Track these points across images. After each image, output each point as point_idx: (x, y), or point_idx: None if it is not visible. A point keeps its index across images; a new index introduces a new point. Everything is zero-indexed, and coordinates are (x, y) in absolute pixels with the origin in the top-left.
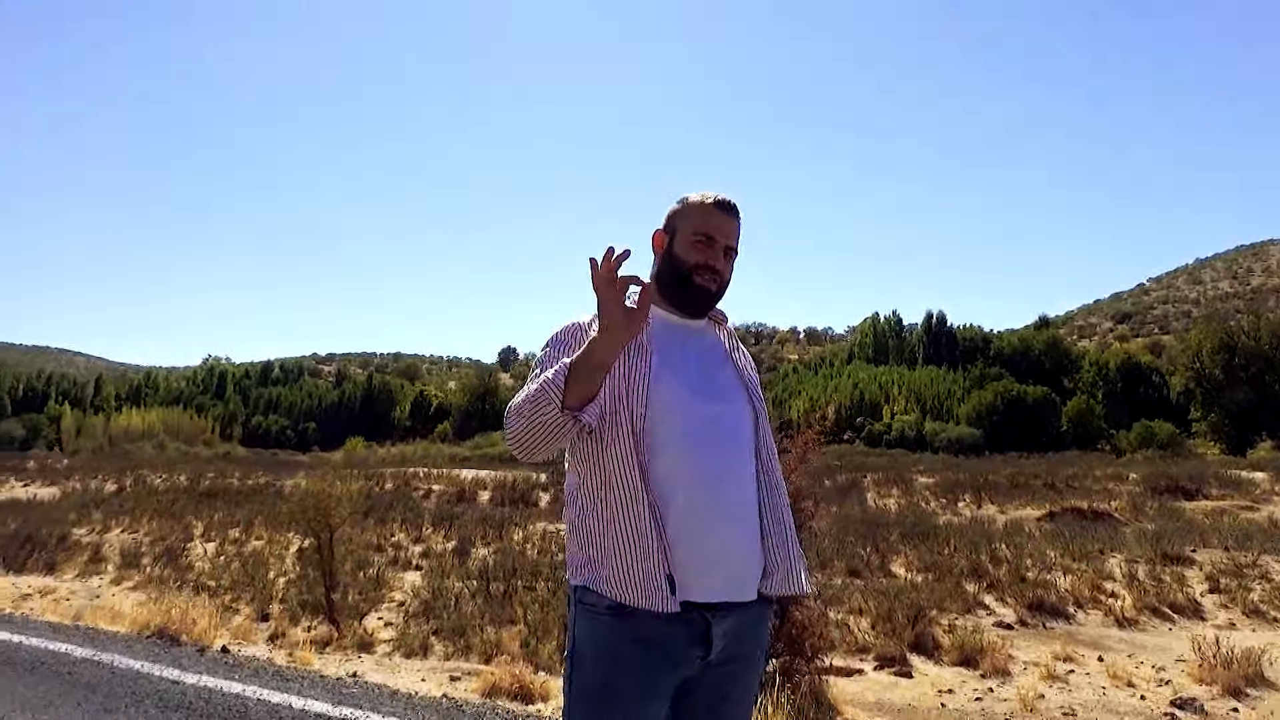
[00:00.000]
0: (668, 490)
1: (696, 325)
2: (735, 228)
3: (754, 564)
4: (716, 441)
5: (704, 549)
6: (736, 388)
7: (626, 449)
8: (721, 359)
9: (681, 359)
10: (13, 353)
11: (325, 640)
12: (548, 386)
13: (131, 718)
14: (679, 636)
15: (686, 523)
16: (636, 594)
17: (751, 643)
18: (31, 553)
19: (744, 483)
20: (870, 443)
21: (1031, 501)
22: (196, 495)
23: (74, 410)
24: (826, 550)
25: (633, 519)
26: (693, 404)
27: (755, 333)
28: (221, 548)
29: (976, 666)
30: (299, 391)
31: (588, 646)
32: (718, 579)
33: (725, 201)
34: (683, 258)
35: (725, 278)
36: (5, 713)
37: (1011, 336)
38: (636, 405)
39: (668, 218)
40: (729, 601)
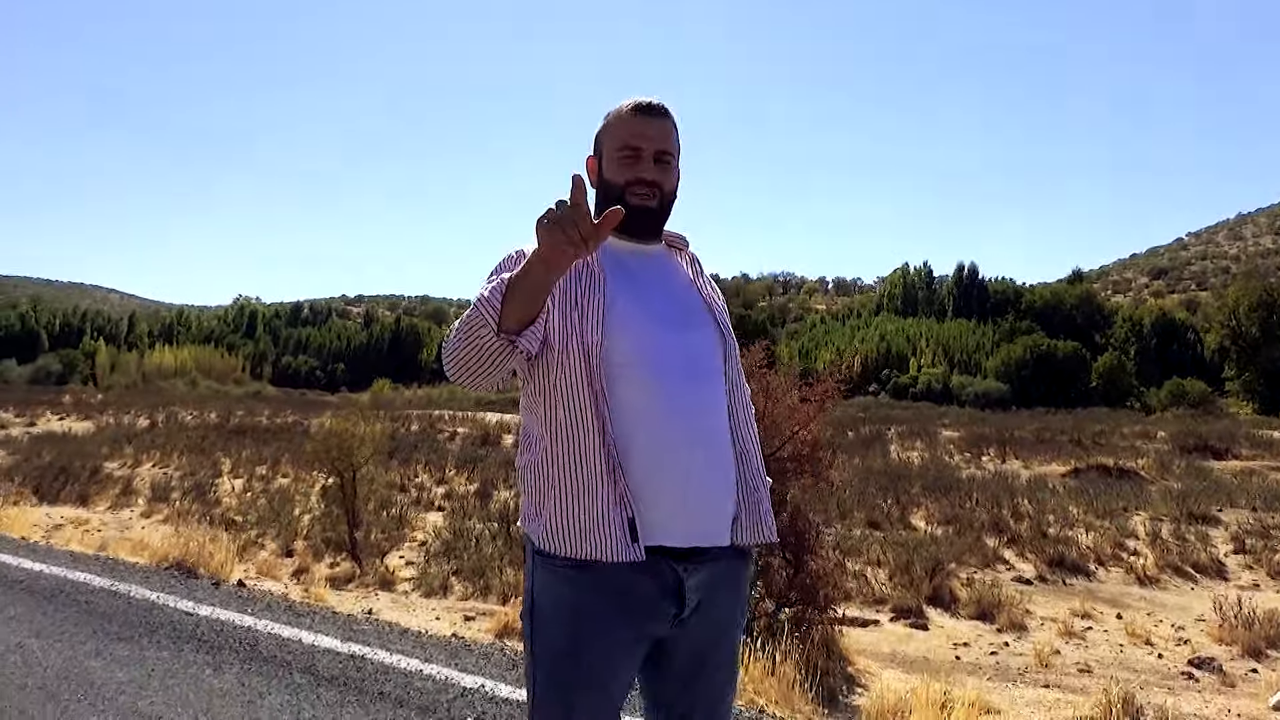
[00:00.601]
0: (629, 425)
1: (652, 251)
2: (665, 129)
3: (728, 505)
4: (683, 371)
5: (672, 488)
6: (702, 315)
7: (579, 381)
8: (684, 285)
9: (640, 285)
10: (50, 289)
11: (348, 577)
12: (482, 306)
13: (144, 647)
14: (647, 589)
15: (651, 459)
16: (592, 543)
17: (729, 598)
18: (65, 484)
19: (715, 417)
20: (896, 395)
21: (1057, 457)
22: (226, 433)
23: (108, 347)
24: (847, 501)
25: (586, 458)
26: (655, 330)
27: (783, 282)
28: (249, 484)
29: (993, 621)
30: (328, 333)
31: (546, 602)
32: (689, 522)
33: (645, 104)
34: (612, 179)
35: (666, 188)
36: (20, 639)
37: (1044, 290)
38: (591, 333)
39: (595, 140)
40: (702, 548)
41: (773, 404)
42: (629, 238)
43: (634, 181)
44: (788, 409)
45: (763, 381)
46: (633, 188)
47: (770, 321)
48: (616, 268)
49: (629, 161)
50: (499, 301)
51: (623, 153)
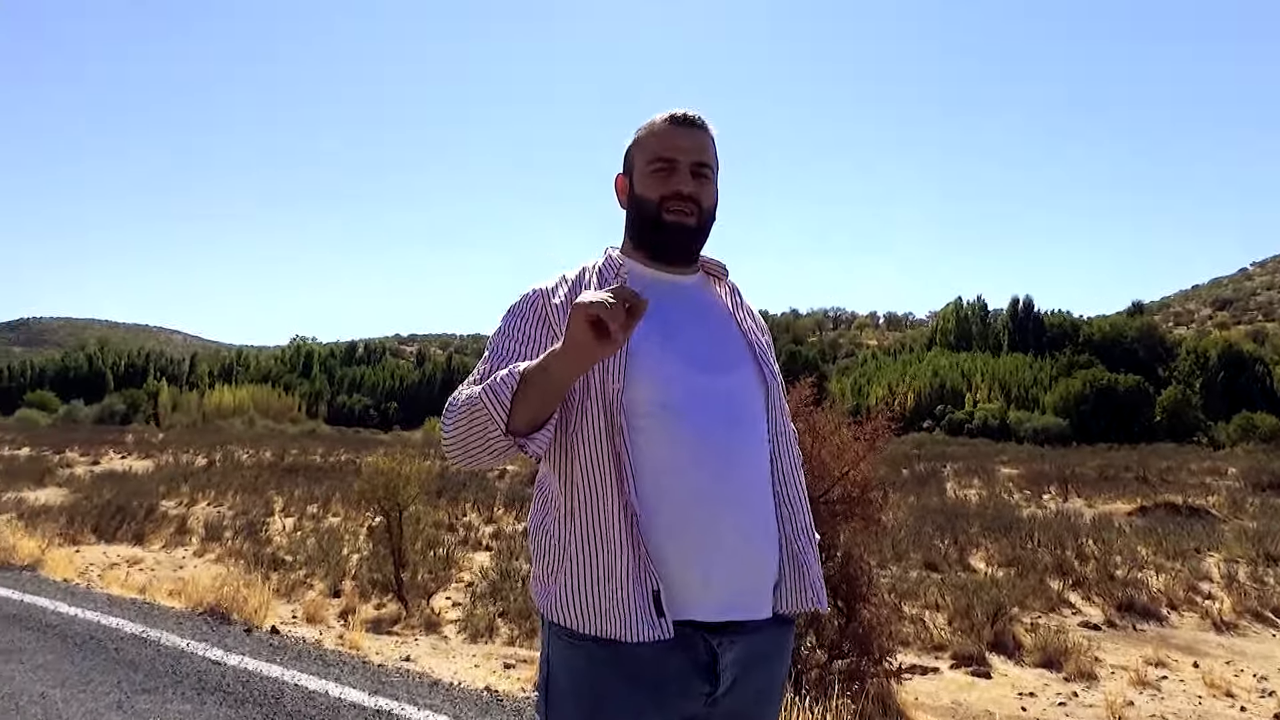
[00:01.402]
0: (655, 484)
1: (688, 280)
2: (702, 141)
3: (769, 571)
4: (718, 419)
5: (705, 555)
6: (742, 354)
7: (597, 434)
8: (723, 321)
9: (671, 321)
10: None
11: (394, 618)
12: (490, 401)
13: (167, 699)
14: (676, 668)
15: (680, 522)
16: (611, 620)
17: (768, 674)
18: (122, 523)
19: (755, 470)
20: (951, 431)
21: (1122, 495)
22: (280, 471)
23: (170, 386)
24: (902, 542)
25: (605, 522)
26: (686, 375)
27: (833, 317)
28: (299, 523)
29: (1060, 669)
30: (382, 371)
31: (563, 678)
32: (724, 592)
33: (680, 115)
34: (645, 196)
35: (705, 204)
36: (45, 689)
37: (1102, 323)
38: (611, 380)
39: (625, 157)
40: (739, 621)
41: (820, 444)
42: (662, 265)
43: (670, 196)
44: (836, 448)
45: (809, 420)
46: (668, 203)
47: (821, 357)
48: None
49: (663, 175)
50: (509, 398)
51: (655, 165)
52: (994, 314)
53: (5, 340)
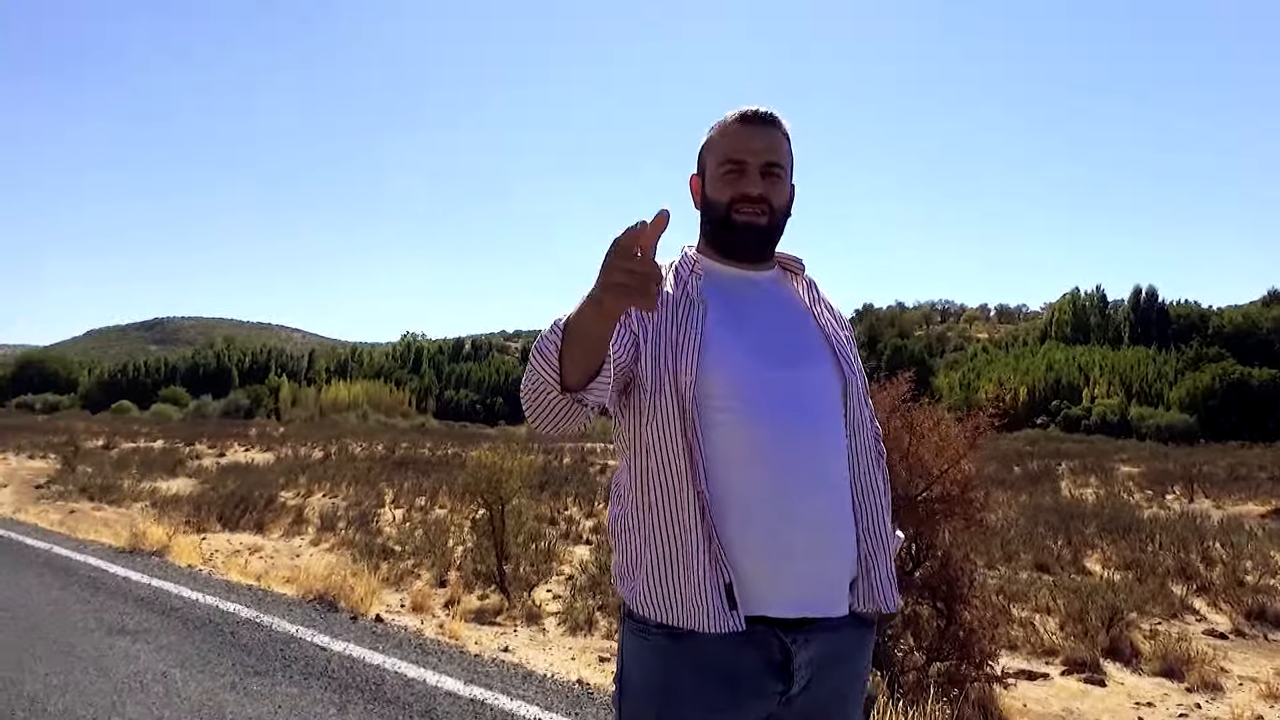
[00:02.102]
0: (728, 476)
1: (763, 276)
2: (774, 139)
3: (845, 569)
4: (793, 414)
5: (777, 549)
6: (820, 349)
7: (671, 426)
8: (799, 315)
9: (745, 316)
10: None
11: (496, 609)
12: (539, 362)
13: (276, 681)
14: (749, 664)
15: (753, 516)
16: (686, 610)
17: (846, 675)
18: (245, 512)
19: (832, 465)
20: (1067, 428)
21: (1254, 496)
22: (391, 464)
23: (290, 382)
24: (1012, 542)
25: (680, 513)
26: (760, 369)
27: (941, 310)
28: (408, 515)
29: (1182, 679)
30: (488, 367)
31: (637, 673)
32: (798, 588)
33: (751, 112)
34: (715, 198)
35: (777, 203)
36: (166, 668)
37: (1234, 313)
38: (684, 372)
39: (698, 157)
40: (813, 618)
41: (918, 441)
42: (735, 262)
43: (739, 198)
44: (935, 446)
45: (907, 417)
46: (738, 205)
47: (928, 351)
48: (719, 297)
49: (733, 176)
50: (555, 356)
51: (726, 167)
52: (1114, 305)
53: (142, 339)
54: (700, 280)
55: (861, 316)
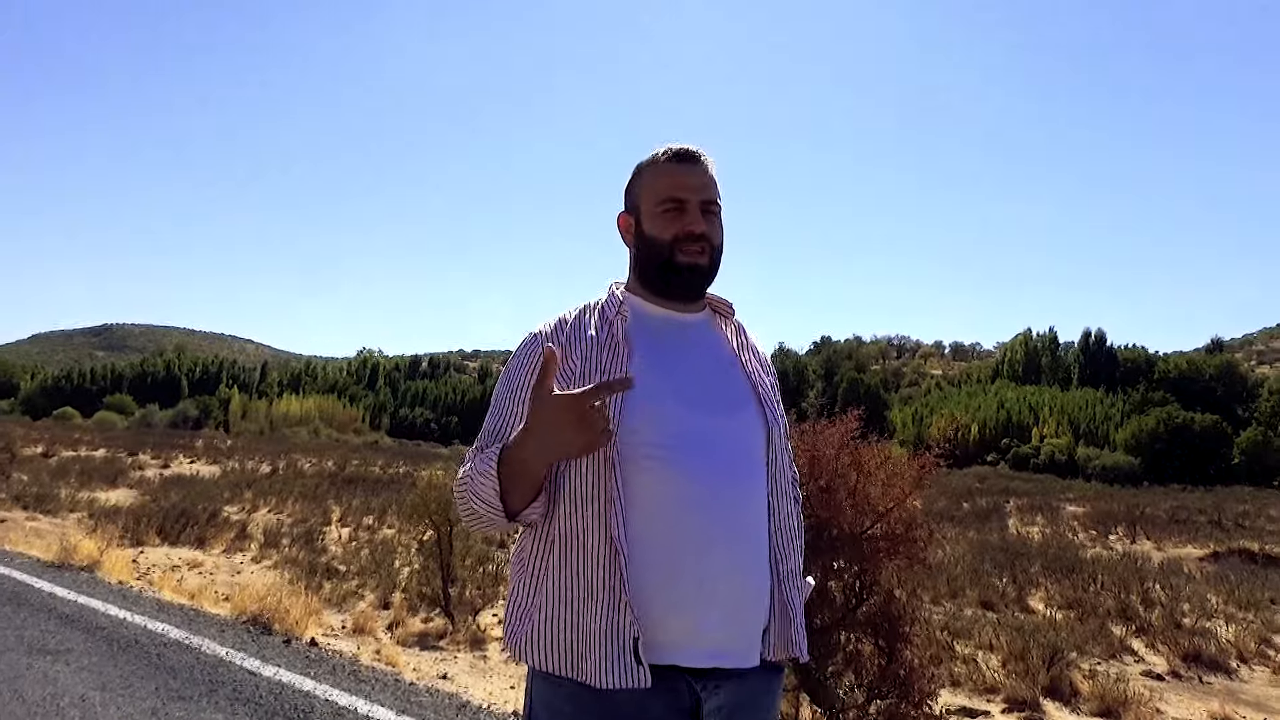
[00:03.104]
0: (644, 525)
1: (693, 319)
2: (707, 177)
3: (758, 617)
4: (716, 463)
5: (692, 600)
6: (745, 395)
7: (586, 473)
8: (727, 361)
9: (673, 361)
10: (193, 338)
11: (440, 633)
12: (479, 504)
13: (201, 708)
14: (658, 712)
15: (668, 566)
16: (589, 663)
17: (757, 717)
18: (185, 526)
19: (751, 514)
20: (1016, 466)
21: (1194, 539)
22: (340, 481)
23: (241, 394)
24: (959, 579)
25: (588, 561)
26: (684, 416)
27: (897, 345)
28: (355, 534)
29: (1119, 719)
30: (444, 386)
31: (544, 714)
32: (712, 639)
33: (683, 150)
34: (656, 236)
35: (715, 241)
36: (85, 691)
37: (1179, 359)
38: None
39: (626, 194)
40: (726, 668)
41: (865, 478)
42: (668, 302)
43: (682, 236)
44: (882, 483)
45: (855, 454)
46: (681, 244)
47: (883, 386)
48: (647, 339)
49: (674, 215)
50: (496, 497)
51: (665, 205)
52: (1065, 347)
53: (89, 344)
54: (627, 322)
55: (819, 348)
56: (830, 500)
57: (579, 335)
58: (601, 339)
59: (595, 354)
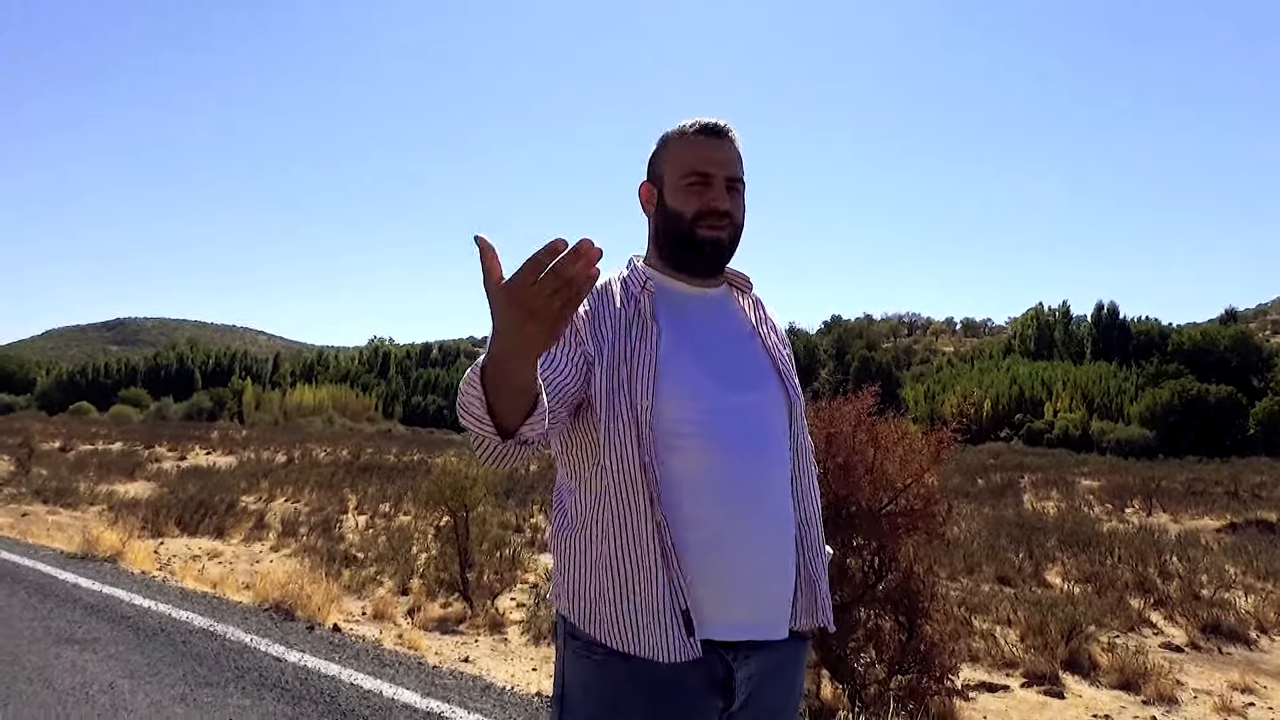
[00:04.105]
0: (681, 502)
1: (713, 293)
2: (733, 153)
3: (787, 590)
4: (746, 439)
5: (728, 574)
6: (767, 370)
7: (628, 451)
8: (747, 335)
9: (699, 336)
10: (206, 330)
11: (459, 618)
12: (468, 411)
13: (228, 693)
14: (693, 684)
15: (706, 542)
16: (645, 639)
17: (782, 690)
18: (204, 517)
19: (778, 489)
20: (1029, 441)
21: (1210, 511)
22: (355, 470)
23: (254, 385)
24: (975, 555)
25: (638, 538)
26: (715, 391)
27: (908, 323)
28: (372, 521)
29: (1138, 691)
30: (456, 373)
31: (579, 694)
32: (743, 612)
33: (711, 125)
34: (678, 210)
35: (737, 218)
36: (114, 678)
37: (1193, 331)
38: (640, 396)
39: (650, 164)
40: (757, 640)
41: (882, 455)
42: (689, 278)
43: (705, 212)
44: (900, 460)
45: (872, 430)
46: (703, 220)
47: (895, 364)
48: (672, 315)
49: (699, 189)
50: (483, 409)
51: (689, 179)
52: (1077, 321)
53: (102, 339)
54: (653, 298)
55: (830, 328)
56: (848, 477)
57: (608, 304)
58: (629, 315)
59: (624, 330)
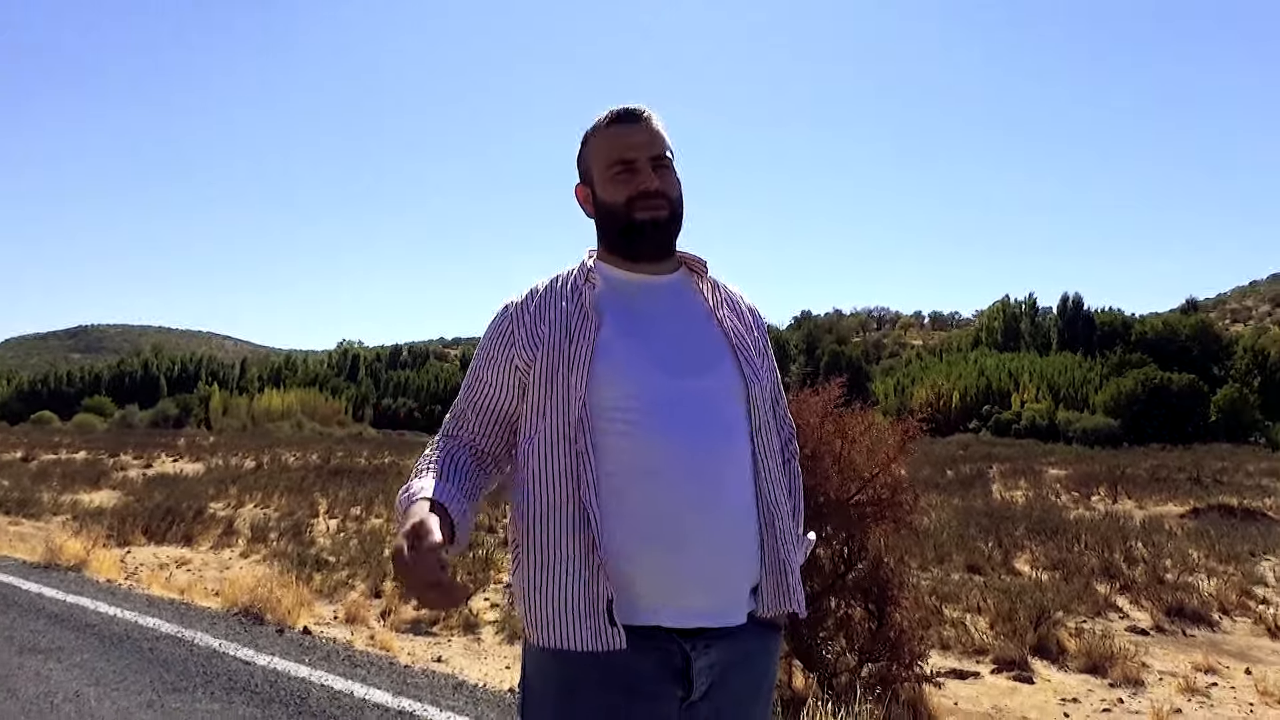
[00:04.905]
0: (618, 490)
1: (666, 280)
2: (653, 131)
3: (742, 579)
4: (689, 425)
5: (673, 563)
6: (720, 354)
7: (559, 438)
8: (702, 320)
9: (643, 323)
10: (170, 336)
11: (433, 619)
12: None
13: (196, 699)
14: (648, 671)
15: (644, 529)
16: (563, 629)
17: (751, 681)
18: (172, 525)
19: (730, 474)
20: (998, 432)
21: (1174, 497)
22: (325, 474)
23: (221, 391)
24: (945, 544)
25: (562, 528)
26: (657, 378)
27: (877, 317)
28: (343, 525)
29: (1105, 674)
30: (426, 375)
31: (538, 680)
32: (692, 600)
33: (623, 111)
34: (612, 200)
35: (673, 194)
36: (79, 687)
37: (1155, 321)
38: (575, 387)
39: (578, 166)
40: (710, 628)
41: (849, 445)
42: (638, 265)
43: (637, 196)
44: (866, 450)
45: (839, 421)
46: (637, 203)
47: (865, 357)
48: (619, 306)
49: (625, 176)
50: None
51: (615, 169)
52: (1043, 312)
53: (65, 347)
54: (596, 289)
55: (800, 323)
56: (816, 468)
57: (551, 304)
58: (570, 309)
59: (564, 323)
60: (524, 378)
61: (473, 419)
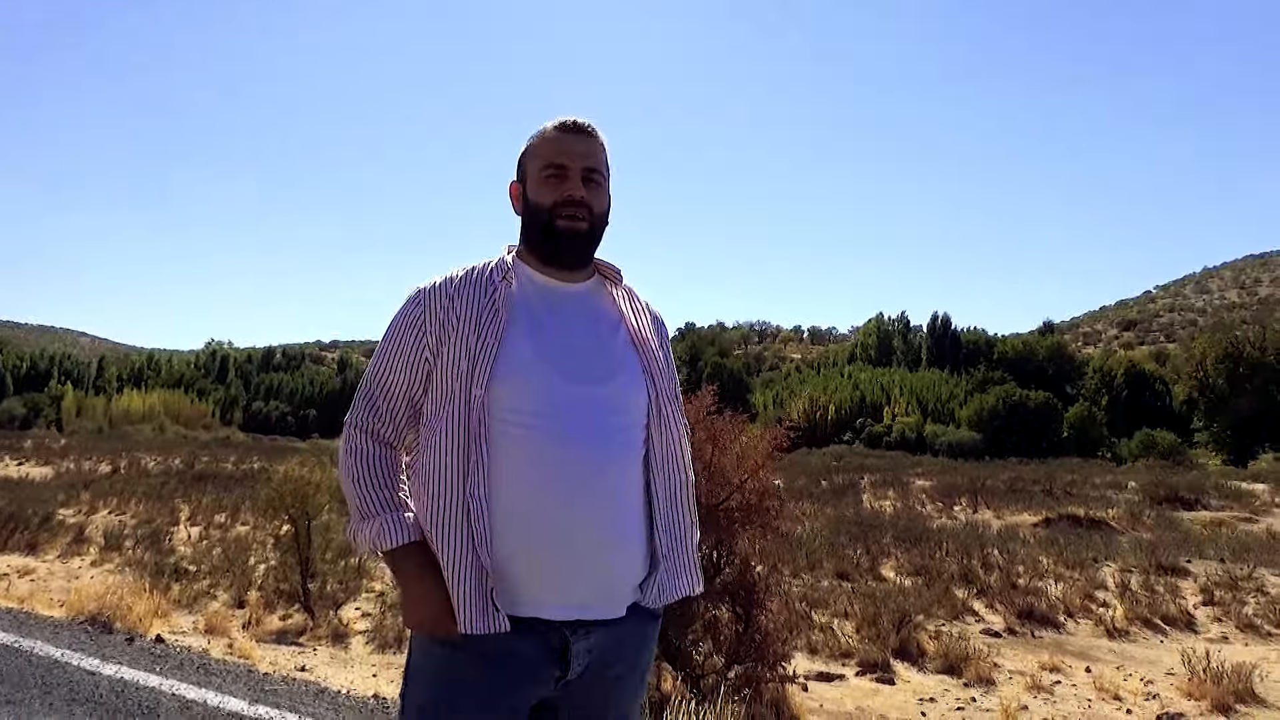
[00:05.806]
0: (508, 489)
1: (579, 286)
2: (592, 147)
3: (627, 575)
4: (583, 430)
5: (555, 561)
6: (625, 361)
7: (454, 437)
8: (610, 327)
9: (551, 328)
10: (17, 332)
11: (300, 629)
12: (351, 498)
13: (33, 711)
14: (526, 652)
15: (530, 527)
16: (455, 611)
17: (624, 663)
18: (15, 532)
19: (620, 478)
20: (870, 444)
21: (1028, 507)
22: (189, 479)
23: (75, 390)
24: (817, 552)
25: (450, 522)
26: (557, 383)
27: (759, 330)
28: (206, 532)
29: (960, 675)
30: (300, 378)
31: (420, 658)
32: (574, 596)
33: (571, 122)
34: (538, 201)
35: (596, 209)
36: None
37: (1015, 341)
38: (476, 385)
39: (518, 164)
40: (589, 620)
41: (720, 452)
42: (553, 269)
43: (562, 202)
44: (736, 457)
45: (710, 429)
46: (560, 208)
47: (746, 370)
48: (529, 307)
49: (555, 181)
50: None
51: (548, 171)
52: (914, 330)
53: None
54: (511, 288)
55: (684, 335)
56: None
57: (465, 295)
58: (482, 305)
59: (475, 319)
60: (431, 368)
61: (384, 406)
